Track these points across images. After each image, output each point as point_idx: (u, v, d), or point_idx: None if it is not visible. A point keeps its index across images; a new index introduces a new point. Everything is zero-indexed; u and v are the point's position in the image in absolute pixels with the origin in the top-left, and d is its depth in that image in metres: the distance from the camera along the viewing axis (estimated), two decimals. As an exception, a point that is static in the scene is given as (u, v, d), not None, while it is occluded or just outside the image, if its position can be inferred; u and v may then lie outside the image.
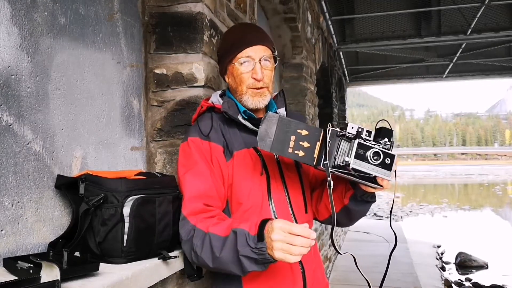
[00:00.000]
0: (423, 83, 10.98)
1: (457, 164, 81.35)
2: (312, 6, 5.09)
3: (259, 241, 1.07)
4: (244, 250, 1.09)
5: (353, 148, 1.15)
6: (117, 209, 1.16)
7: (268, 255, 1.07)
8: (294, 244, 1.03)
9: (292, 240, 1.03)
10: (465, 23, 6.58)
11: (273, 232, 1.04)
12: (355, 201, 1.34)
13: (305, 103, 4.47)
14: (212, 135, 1.36)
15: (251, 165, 1.36)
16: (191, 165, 1.33)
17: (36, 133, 1.18)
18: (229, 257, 1.13)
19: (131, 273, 1.08)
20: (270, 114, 1.22)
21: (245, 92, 1.39)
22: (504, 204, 19.53)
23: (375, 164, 1.15)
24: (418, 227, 12.26)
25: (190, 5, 1.72)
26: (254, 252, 1.08)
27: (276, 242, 1.04)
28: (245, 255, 1.10)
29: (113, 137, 1.55)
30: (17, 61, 1.12)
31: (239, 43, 1.38)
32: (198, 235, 1.20)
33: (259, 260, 1.09)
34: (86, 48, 1.41)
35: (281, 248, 1.04)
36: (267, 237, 1.06)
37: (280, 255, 1.04)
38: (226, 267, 1.15)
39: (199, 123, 1.40)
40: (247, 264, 1.11)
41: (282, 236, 1.03)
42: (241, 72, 1.38)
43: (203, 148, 1.34)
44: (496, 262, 8.01)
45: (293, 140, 1.20)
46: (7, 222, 1.08)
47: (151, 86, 1.76)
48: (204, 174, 1.31)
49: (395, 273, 5.57)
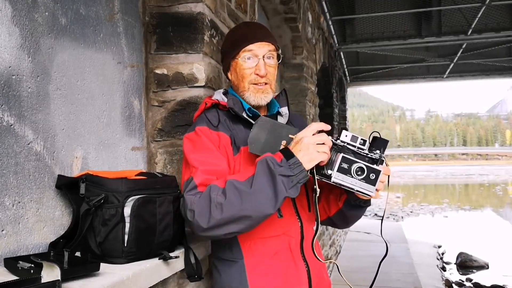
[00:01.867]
0: (424, 83, 10.97)
1: (458, 164, 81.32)
2: (312, 6, 5.09)
3: (289, 159, 1.13)
4: (280, 170, 1.12)
5: (337, 161, 1.16)
6: (117, 209, 1.16)
7: (302, 166, 1.13)
8: (323, 141, 1.15)
9: (320, 138, 1.15)
10: (466, 23, 6.57)
11: (302, 139, 1.14)
12: (349, 205, 1.34)
13: (306, 103, 4.47)
14: (221, 127, 1.35)
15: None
16: (204, 150, 1.29)
17: (37, 133, 1.18)
18: (264, 184, 1.12)
19: (131, 273, 1.09)
20: (262, 118, 1.24)
21: (247, 88, 1.38)
22: (505, 204, 19.52)
23: (358, 179, 1.16)
24: (419, 227, 12.26)
25: (191, 5, 1.72)
26: (290, 169, 1.12)
27: (311, 144, 1.13)
28: (282, 174, 1.12)
29: (113, 137, 1.55)
30: (18, 61, 1.12)
31: (243, 39, 1.38)
32: (215, 189, 1.16)
33: (294, 178, 1.12)
34: (86, 48, 1.41)
35: (315, 149, 1.13)
36: (297, 150, 1.14)
37: (317, 154, 1.13)
38: (259, 202, 1.12)
39: (206, 115, 1.37)
40: (284, 186, 1.12)
41: (312, 139, 1.14)
42: (244, 68, 1.37)
43: (212, 137, 1.31)
44: (496, 262, 8.01)
45: (283, 145, 1.21)
46: (8, 222, 1.08)
47: (152, 86, 1.76)
48: (219, 158, 1.28)
49: (395, 273, 5.57)
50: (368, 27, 7.10)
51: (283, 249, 1.32)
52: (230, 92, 1.47)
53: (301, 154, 1.14)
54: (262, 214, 1.14)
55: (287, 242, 1.33)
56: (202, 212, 1.16)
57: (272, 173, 1.12)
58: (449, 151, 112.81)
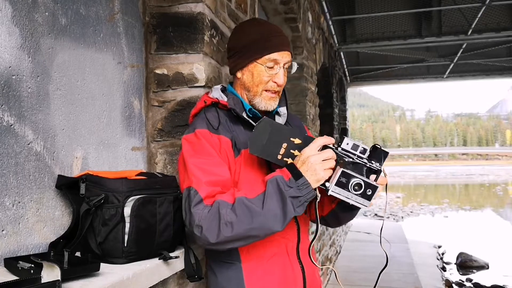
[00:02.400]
0: (424, 83, 10.97)
1: (458, 164, 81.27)
2: (312, 6, 5.09)
3: (298, 179, 1.15)
4: (290, 192, 1.14)
5: (336, 175, 1.17)
6: (117, 209, 1.16)
7: (310, 187, 1.16)
8: (328, 157, 1.17)
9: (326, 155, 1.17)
10: (466, 23, 6.57)
11: (309, 159, 1.16)
12: (342, 207, 1.33)
13: (306, 104, 4.47)
14: (221, 129, 1.31)
15: (257, 164, 1.33)
16: (205, 154, 1.26)
17: (37, 133, 1.18)
18: (275, 205, 1.15)
19: (131, 273, 1.09)
20: (265, 119, 1.24)
21: (260, 93, 1.36)
22: (505, 205, 19.52)
23: (355, 193, 1.18)
24: (419, 227, 12.26)
25: (191, 5, 1.72)
26: (299, 190, 1.15)
27: (317, 165, 1.16)
28: (292, 196, 1.15)
29: (113, 137, 1.55)
30: (18, 61, 1.12)
31: (269, 46, 1.34)
32: (225, 205, 1.16)
33: (302, 198, 1.15)
34: (87, 48, 1.41)
35: (322, 168, 1.16)
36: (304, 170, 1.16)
37: (324, 173, 1.16)
38: (269, 222, 1.15)
39: (206, 116, 1.33)
40: (292, 206, 1.15)
41: (318, 157, 1.16)
42: (264, 74, 1.35)
43: (212, 141, 1.28)
44: (497, 263, 8.01)
45: (284, 147, 1.22)
46: (8, 222, 1.08)
47: (152, 86, 1.76)
48: (221, 165, 1.26)
49: (396, 273, 5.56)
50: (368, 27, 7.10)
51: (280, 252, 1.33)
52: (229, 90, 1.43)
53: (308, 174, 1.17)
54: (270, 232, 1.18)
55: (284, 245, 1.33)
56: (210, 228, 1.16)
57: (283, 194, 1.15)
58: (449, 151, 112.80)
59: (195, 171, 1.23)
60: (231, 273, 1.31)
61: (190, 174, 1.24)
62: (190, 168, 1.24)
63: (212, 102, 1.38)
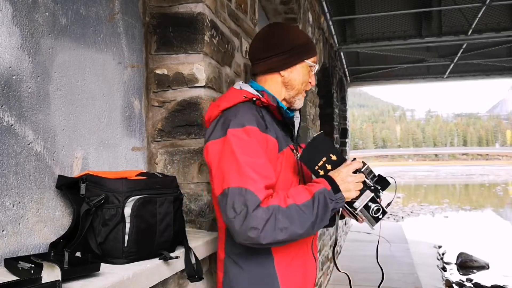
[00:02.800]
0: (424, 83, 10.97)
1: (458, 164, 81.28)
2: (313, 7, 5.09)
3: (336, 193, 1.26)
4: (332, 205, 1.25)
5: (366, 199, 1.32)
6: (118, 210, 1.16)
7: (344, 202, 1.29)
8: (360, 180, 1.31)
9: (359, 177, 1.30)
10: (466, 23, 6.56)
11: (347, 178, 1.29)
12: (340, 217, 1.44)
13: (306, 104, 4.47)
14: (269, 128, 1.30)
15: (292, 164, 1.39)
16: (257, 155, 1.23)
17: (37, 133, 1.18)
18: (322, 215, 1.24)
19: (132, 273, 1.09)
20: (322, 133, 1.36)
21: (302, 92, 1.46)
22: (505, 205, 19.53)
23: (371, 215, 1.33)
24: (419, 228, 12.26)
25: (191, 5, 1.72)
26: (337, 204, 1.26)
27: (352, 184, 1.29)
28: (332, 208, 1.26)
29: (114, 137, 1.55)
30: (18, 61, 1.12)
31: (313, 48, 1.46)
32: (279, 210, 1.18)
33: (335, 210, 1.28)
34: (87, 49, 1.41)
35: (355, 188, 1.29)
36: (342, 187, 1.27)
37: (354, 193, 1.30)
38: (315, 228, 1.24)
39: (252, 113, 1.29)
40: (329, 217, 1.26)
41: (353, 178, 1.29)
42: (308, 74, 1.44)
43: (262, 140, 1.26)
44: (497, 263, 8.01)
45: (323, 160, 1.33)
46: (8, 223, 1.08)
47: (152, 87, 1.76)
48: (270, 166, 1.26)
49: (396, 273, 5.56)
50: (369, 27, 7.10)
51: (304, 247, 1.43)
52: (260, 88, 1.41)
53: (343, 189, 1.28)
54: (308, 235, 1.28)
55: (307, 241, 1.44)
56: (266, 231, 1.17)
57: (327, 207, 1.25)
58: (450, 151, 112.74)
59: (250, 172, 1.19)
60: (262, 269, 1.34)
61: (243, 174, 1.19)
62: (243, 168, 1.19)
63: (251, 99, 1.33)
